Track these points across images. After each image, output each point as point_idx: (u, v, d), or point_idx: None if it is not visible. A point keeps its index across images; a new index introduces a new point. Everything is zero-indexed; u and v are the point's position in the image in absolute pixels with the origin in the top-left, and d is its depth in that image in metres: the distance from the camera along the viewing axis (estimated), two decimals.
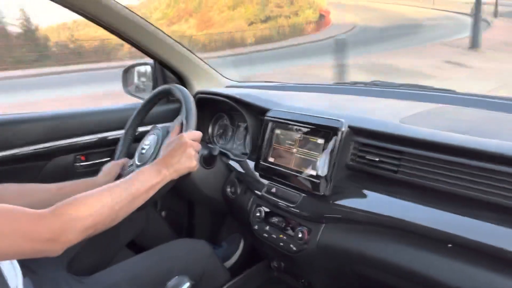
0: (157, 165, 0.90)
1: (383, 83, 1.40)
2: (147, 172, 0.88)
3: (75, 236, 0.69)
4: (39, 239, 0.65)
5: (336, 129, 0.93)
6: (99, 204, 0.74)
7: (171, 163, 0.91)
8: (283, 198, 1.03)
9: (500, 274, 0.67)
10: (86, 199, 0.74)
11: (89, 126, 1.36)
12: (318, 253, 0.96)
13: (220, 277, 1.22)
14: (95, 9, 1.23)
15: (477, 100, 1.10)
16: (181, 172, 0.93)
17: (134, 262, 1.06)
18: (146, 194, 0.85)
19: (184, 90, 1.09)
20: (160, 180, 0.88)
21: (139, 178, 0.85)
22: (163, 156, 0.93)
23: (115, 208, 0.77)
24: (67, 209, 0.70)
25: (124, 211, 0.79)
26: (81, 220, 0.70)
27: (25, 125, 1.25)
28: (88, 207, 0.72)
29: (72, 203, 0.71)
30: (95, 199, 0.75)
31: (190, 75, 1.55)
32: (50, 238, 0.66)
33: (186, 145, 0.93)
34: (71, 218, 0.69)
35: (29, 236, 0.64)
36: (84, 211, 0.71)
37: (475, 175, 0.75)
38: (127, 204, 0.80)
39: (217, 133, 1.56)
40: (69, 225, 0.69)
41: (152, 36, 1.37)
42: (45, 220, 0.67)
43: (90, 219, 0.72)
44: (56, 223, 0.67)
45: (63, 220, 0.68)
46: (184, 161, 0.92)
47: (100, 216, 0.74)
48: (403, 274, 0.80)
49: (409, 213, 0.80)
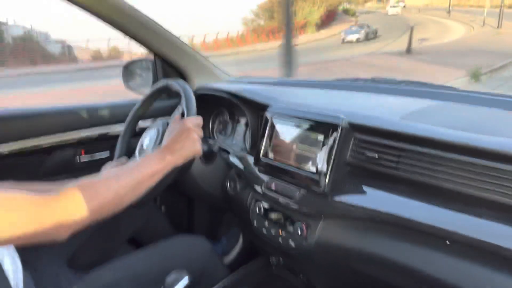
0: (161, 152, 0.90)
1: (383, 80, 1.40)
2: (151, 158, 0.87)
3: (80, 219, 0.69)
4: (45, 223, 0.65)
5: (336, 126, 0.93)
6: (104, 188, 0.75)
7: (175, 148, 0.90)
8: (282, 194, 1.03)
9: (499, 271, 0.67)
10: (91, 183, 0.74)
11: (89, 121, 1.36)
12: (316, 249, 0.96)
13: (219, 272, 1.22)
14: (96, 4, 1.22)
15: (478, 97, 1.10)
16: (186, 157, 0.93)
17: (134, 258, 1.06)
18: (151, 180, 0.85)
19: (183, 83, 1.09)
20: (164, 166, 0.88)
21: (144, 164, 0.85)
22: (166, 143, 0.92)
23: (120, 192, 0.77)
24: (72, 193, 0.70)
25: (129, 196, 0.79)
26: (86, 203, 0.70)
27: (26, 119, 1.25)
28: (93, 190, 0.73)
29: (77, 187, 0.72)
30: (101, 183, 0.75)
31: (191, 71, 1.54)
32: (56, 221, 0.66)
33: (190, 130, 0.93)
34: (77, 201, 0.69)
35: (35, 219, 0.64)
36: (90, 194, 0.72)
37: (475, 173, 0.75)
38: (132, 189, 0.80)
39: (217, 128, 1.56)
40: (75, 207, 0.69)
41: (152, 31, 1.37)
42: (51, 203, 0.67)
43: (95, 202, 0.72)
44: (61, 206, 0.68)
45: (69, 203, 0.68)
46: (188, 145, 0.92)
47: (105, 199, 0.74)
48: (401, 271, 0.80)
49: (408, 210, 0.80)
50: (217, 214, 1.65)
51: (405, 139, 0.86)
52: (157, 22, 1.38)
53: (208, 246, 1.18)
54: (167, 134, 0.97)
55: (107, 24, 1.30)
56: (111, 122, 1.39)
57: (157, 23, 1.38)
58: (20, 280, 0.81)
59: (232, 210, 1.34)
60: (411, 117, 0.94)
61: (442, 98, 1.11)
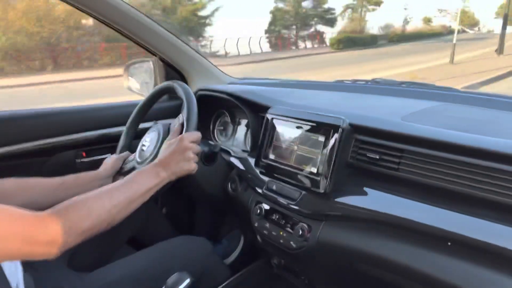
0: (155, 167, 0.91)
1: (384, 81, 1.40)
2: (145, 174, 0.88)
3: (73, 239, 0.69)
4: (38, 242, 0.65)
5: (337, 127, 0.93)
6: (97, 207, 0.75)
7: (170, 165, 0.92)
8: (283, 195, 1.03)
9: (500, 272, 0.67)
10: (85, 202, 0.74)
11: (90, 122, 1.36)
12: (318, 251, 0.96)
13: (220, 274, 1.22)
14: (96, 6, 1.23)
15: (478, 98, 1.10)
16: (179, 174, 0.95)
17: (134, 258, 1.06)
18: (143, 197, 0.86)
19: (186, 89, 1.09)
20: (158, 183, 0.89)
21: (137, 180, 0.86)
22: (162, 157, 0.94)
23: (112, 211, 0.77)
24: (66, 212, 0.70)
25: (121, 214, 0.80)
26: (79, 223, 0.70)
27: (27, 121, 1.25)
28: (86, 210, 0.72)
29: (71, 206, 0.71)
30: (94, 202, 0.75)
31: (192, 72, 1.55)
32: (48, 241, 0.66)
33: (186, 148, 0.94)
34: (69, 221, 0.69)
35: (27, 239, 0.64)
36: (83, 214, 0.71)
37: (476, 173, 0.75)
38: (125, 208, 0.80)
39: (217, 130, 1.57)
40: (68, 228, 0.68)
41: (153, 32, 1.37)
42: (44, 222, 0.66)
43: (88, 222, 0.72)
44: (55, 226, 0.67)
45: (62, 223, 0.68)
46: (183, 164, 0.94)
47: (98, 219, 0.74)
48: (402, 272, 0.80)
49: (410, 211, 0.80)
50: (218, 215, 1.65)
51: (406, 140, 0.86)
52: (158, 23, 1.38)
53: (208, 247, 1.18)
54: (165, 148, 0.97)
55: (108, 25, 1.30)
56: (112, 122, 1.39)
57: (158, 24, 1.38)
58: (20, 280, 0.81)
59: (233, 211, 1.34)
60: (412, 118, 0.94)
61: (442, 99, 1.11)
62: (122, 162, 1.19)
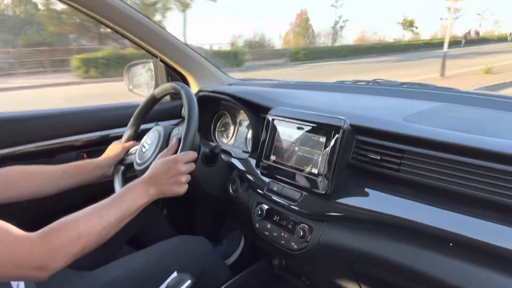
0: (146, 185, 0.91)
1: (384, 82, 1.40)
2: (136, 193, 0.89)
3: (62, 263, 0.70)
4: (28, 267, 0.65)
5: (338, 128, 0.93)
6: (87, 231, 0.75)
7: (159, 183, 0.93)
8: (284, 196, 1.03)
9: (501, 273, 0.66)
10: (75, 225, 0.73)
11: (91, 123, 1.36)
12: (319, 251, 0.96)
13: (221, 274, 1.22)
14: (97, 7, 1.23)
15: (479, 98, 1.10)
16: (167, 195, 0.96)
17: (134, 258, 1.06)
18: (132, 215, 0.87)
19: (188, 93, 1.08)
20: (147, 201, 0.90)
21: (127, 199, 0.86)
22: (153, 173, 0.94)
23: (102, 233, 0.78)
24: (56, 236, 0.70)
25: (110, 234, 0.81)
26: (69, 248, 0.70)
27: (28, 122, 1.25)
28: (76, 234, 0.72)
29: (61, 230, 0.71)
30: (84, 226, 0.75)
31: (192, 73, 1.55)
32: (38, 266, 0.66)
33: (178, 171, 0.95)
34: (60, 246, 0.69)
35: (18, 265, 0.64)
36: (73, 239, 0.71)
37: (477, 174, 0.75)
38: (114, 228, 0.81)
39: (218, 131, 1.57)
40: (58, 253, 0.69)
41: (154, 34, 1.38)
42: (34, 248, 0.66)
43: (78, 246, 0.72)
44: (45, 251, 0.67)
45: (52, 248, 0.68)
46: (173, 187, 0.95)
47: (88, 242, 0.74)
48: (404, 273, 0.80)
49: (411, 212, 0.80)
50: (218, 216, 1.65)
51: (407, 141, 0.86)
52: (159, 24, 1.38)
53: (208, 246, 1.18)
54: (158, 163, 0.97)
55: (109, 27, 1.31)
56: (113, 124, 1.40)
57: (159, 25, 1.38)
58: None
59: (234, 212, 1.34)
60: (413, 118, 0.94)
61: (443, 100, 1.11)
62: (126, 152, 1.20)
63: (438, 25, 53.29)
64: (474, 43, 33.13)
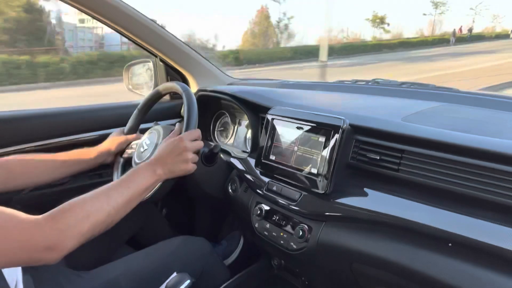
0: (152, 165, 0.90)
1: (384, 82, 1.40)
2: (142, 173, 0.88)
3: (72, 243, 0.69)
4: (36, 249, 0.64)
5: (337, 127, 0.92)
6: (95, 210, 0.74)
7: (166, 163, 0.92)
8: (283, 196, 1.03)
9: (500, 273, 0.66)
10: (82, 205, 0.73)
11: (90, 123, 1.36)
12: (318, 251, 0.96)
13: (220, 274, 1.22)
14: (97, 6, 1.23)
15: (479, 98, 1.09)
16: (177, 174, 0.94)
17: (133, 258, 1.06)
18: (141, 196, 0.86)
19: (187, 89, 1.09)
20: (155, 181, 0.89)
21: (135, 179, 0.86)
22: (159, 155, 0.93)
23: (111, 213, 0.77)
24: (63, 216, 0.69)
25: (120, 214, 0.80)
26: (78, 227, 0.70)
27: (28, 121, 1.25)
28: (84, 213, 0.72)
29: (69, 210, 0.70)
30: (92, 205, 0.74)
31: (192, 73, 1.55)
32: (47, 246, 0.65)
33: (184, 148, 0.94)
34: (67, 225, 0.68)
35: (26, 246, 0.63)
36: (81, 217, 0.71)
37: (477, 174, 0.75)
38: (123, 208, 0.80)
39: (218, 130, 1.57)
40: (66, 232, 0.68)
41: (154, 33, 1.38)
42: (41, 228, 0.66)
43: (86, 225, 0.71)
44: (53, 231, 0.66)
45: (60, 228, 0.67)
46: (180, 164, 0.94)
47: (96, 221, 0.73)
48: (403, 273, 0.80)
49: (410, 212, 0.79)
50: (218, 216, 1.65)
51: (406, 141, 0.86)
52: (159, 24, 1.38)
53: (208, 246, 1.18)
54: (163, 145, 0.97)
55: (109, 26, 1.31)
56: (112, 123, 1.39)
57: (159, 25, 1.38)
58: (19, 280, 0.81)
59: (233, 211, 1.34)
60: (412, 118, 0.94)
61: (443, 100, 1.11)
62: (128, 144, 1.19)
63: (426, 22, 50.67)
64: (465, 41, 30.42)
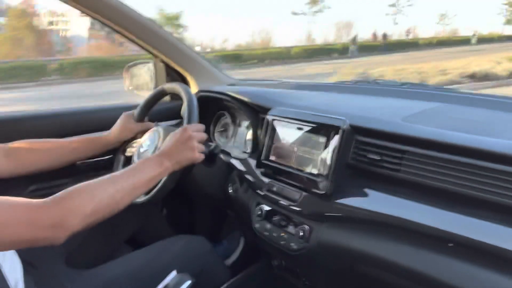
0: (159, 156, 0.91)
1: (384, 82, 1.40)
2: (148, 163, 0.89)
3: (77, 222, 0.70)
4: (41, 226, 0.66)
5: (338, 128, 0.92)
6: (100, 191, 0.75)
7: (173, 154, 0.92)
8: (284, 196, 1.03)
9: (501, 273, 0.66)
10: (86, 186, 0.74)
11: (90, 124, 1.36)
12: (319, 252, 0.96)
13: (220, 274, 1.22)
14: (97, 7, 1.23)
15: (479, 99, 1.10)
16: (183, 163, 0.95)
17: (133, 257, 1.07)
18: (147, 185, 0.86)
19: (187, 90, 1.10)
20: (162, 171, 0.90)
21: (141, 168, 0.87)
22: (164, 148, 0.94)
23: (116, 196, 0.77)
24: (68, 196, 0.71)
25: (125, 200, 0.80)
26: (82, 206, 0.71)
27: (26, 122, 1.25)
28: (89, 194, 0.73)
29: (73, 191, 0.72)
30: (96, 187, 0.76)
31: (192, 73, 1.55)
32: (52, 224, 0.67)
33: (189, 137, 0.95)
34: (72, 204, 0.70)
35: (31, 224, 0.65)
36: (85, 198, 0.72)
37: (478, 174, 0.75)
38: (128, 193, 0.81)
39: (218, 131, 1.57)
40: (71, 211, 0.69)
41: (154, 34, 1.38)
42: (46, 207, 0.67)
43: (91, 206, 0.72)
44: (58, 210, 0.68)
45: (65, 207, 0.69)
46: (186, 152, 0.94)
47: (101, 202, 0.74)
48: (404, 273, 0.80)
49: (411, 212, 0.79)
50: (218, 216, 1.64)
51: (406, 141, 0.86)
52: (159, 24, 1.38)
53: (208, 246, 1.18)
54: (167, 139, 0.98)
55: (109, 27, 1.31)
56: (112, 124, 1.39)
57: (159, 25, 1.38)
58: (20, 279, 0.81)
59: (233, 212, 1.34)
60: (413, 119, 0.94)
61: (443, 100, 1.11)
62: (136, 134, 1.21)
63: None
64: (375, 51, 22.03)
